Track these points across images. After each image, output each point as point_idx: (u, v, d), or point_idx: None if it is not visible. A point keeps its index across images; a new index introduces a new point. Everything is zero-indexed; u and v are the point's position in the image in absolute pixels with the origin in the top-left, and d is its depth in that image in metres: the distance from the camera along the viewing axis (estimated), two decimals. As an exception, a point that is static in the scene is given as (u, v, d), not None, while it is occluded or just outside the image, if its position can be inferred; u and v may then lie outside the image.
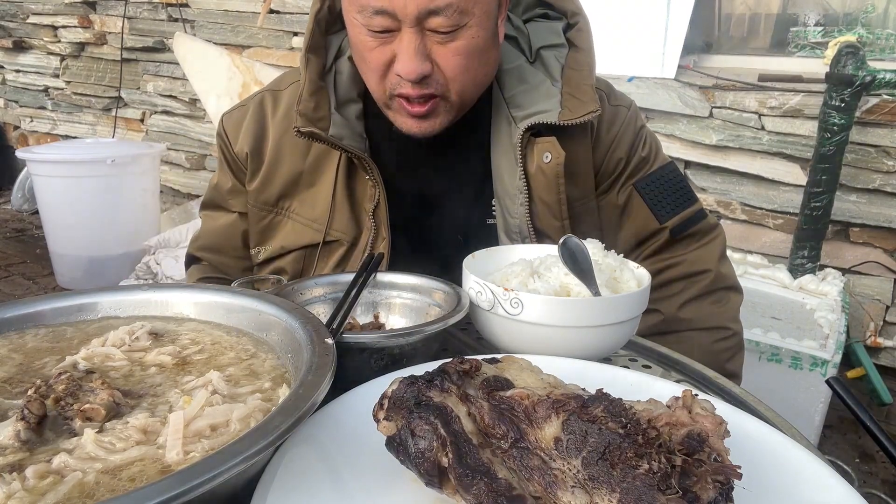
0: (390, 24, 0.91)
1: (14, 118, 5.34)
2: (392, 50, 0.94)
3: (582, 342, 0.75)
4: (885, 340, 2.75)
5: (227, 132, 1.16)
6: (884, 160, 2.57)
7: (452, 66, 0.95)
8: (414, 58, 0.92)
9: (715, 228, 1.21)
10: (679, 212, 1.17)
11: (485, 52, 0.98)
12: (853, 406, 0.67)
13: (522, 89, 1.10)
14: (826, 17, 2.81)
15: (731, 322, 1.18)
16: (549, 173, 1.06)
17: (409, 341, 0.69)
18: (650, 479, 0.42)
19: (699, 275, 1.17)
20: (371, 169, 1.06)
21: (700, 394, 0.55)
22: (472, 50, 0.95)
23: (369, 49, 0.95)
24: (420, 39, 0.92)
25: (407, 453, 0.47)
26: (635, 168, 1.16)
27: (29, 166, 3.59)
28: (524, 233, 1.09)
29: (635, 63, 2.83)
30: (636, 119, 1.19)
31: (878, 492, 0.59)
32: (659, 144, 1.23)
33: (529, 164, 1.07)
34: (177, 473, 0.38)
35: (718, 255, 1.20)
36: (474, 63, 0.97)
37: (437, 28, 0.91)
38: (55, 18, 4.69)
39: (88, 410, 0.50)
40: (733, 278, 1.22)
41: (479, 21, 0.94)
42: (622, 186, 1.16)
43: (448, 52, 0.94)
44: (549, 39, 1.13)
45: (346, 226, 1.10)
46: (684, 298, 1.17)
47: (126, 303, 0.70)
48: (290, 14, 3.73)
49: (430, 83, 0.95)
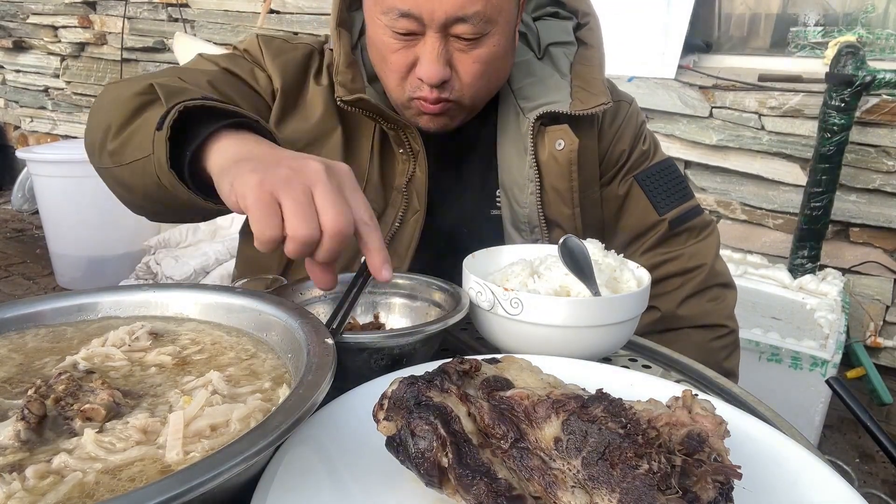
0: (415, 28, 0.92)
1: (14, 118, 5.34)
2: (415, 53, 0.95)
3: (582, 342, 0.75)
4: (885, 340, 2.75)
5: (263, 51, 1.07)
6: (884, 160, 2.57)
7: (472, 73, 0.96)
8: (436, 62, 0.93)
9: (710, 225, 1.23)
10: (677, 205, 1.18)
11: (503, 60, 1.00)
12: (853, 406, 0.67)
13: (530, 82, 1.10)
14: (826, 17, 2.81)
15: (727, 320, 1.19)
16: (563, 160, 1.07)
17: (409, 341, 0.69)
18: (650, 479, 0.42)
19: (695, 270, 1.18)
20: (410, 141, 1.05)
21: (700, 394, 0.55)
22: (491, 58, 0.96)
23: (392, 50, 0.96)
24: (443, 45, 0.93)
25: (407, 453, 0.47)
26: (636, 161, 1.18)
27: (29, 166, 3.59)
28: (533, 222, 1.10)
29: (635, 63, 2.83)
30: (637, 115, 1.20)
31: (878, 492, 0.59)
32: (658, 142, 1.25)
33: (541, 153, 1.07)
34: (177, 473, 0.38)
35: (714, 251, 1.21)
36: (492, 70, 0.98)
37: (462, 35, 0.92)
38: (55, 18, 4.69)
39: (88, 410, 0.50)
40: (728, 275, 1.24)
41: (501, 29, 0.95)
42: (623, 178, 1.18)
43: (469, 60, 0.95)
44: (558, 37, 1.14)
45: (376, 200, 1.08)
46: (683, 295, 1.18)
47: (126, 303, 0.70)
48: (290, 14, 3.72)
49: (447, 88, 0.96)
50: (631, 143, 1.17)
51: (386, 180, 1.10)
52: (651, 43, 2.82)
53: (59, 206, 3.48)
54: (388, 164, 1.10)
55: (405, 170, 1.08)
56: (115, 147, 0.89)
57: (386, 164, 1.09)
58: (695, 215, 1.20)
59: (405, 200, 1.08)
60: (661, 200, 1.18)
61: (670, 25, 2.79)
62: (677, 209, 1.18)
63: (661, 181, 1.19)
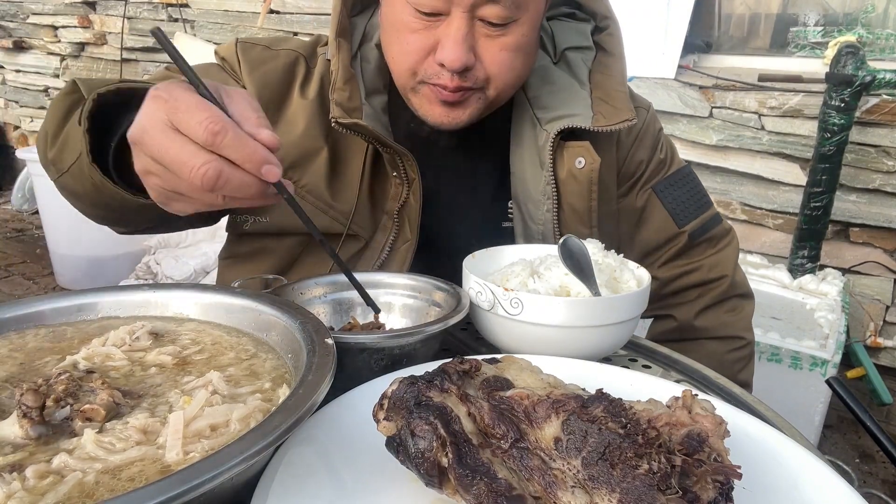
0: (441, 7, 0.85)
1: (14, 118, 5.34)
2: (436, 36, 0.88)
3: (582, 342, 0.75)
4: (885, 340, 2.75)
5: (241, 61, 1.00)
6: (884, 160, 2.57)
7: (498, 62, 0.90)
8: (461, 45, 0.86)
9: (729, 233, 1.19)
10: (697, 216, 1.14)
11: (529, 53, 0.94)
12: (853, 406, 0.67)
13: (547, 90, 1.04)
14: (826, 17, 2.81)
15: (744, 331, 1.17)
16: (583, 179, 1.00)
17: (409, 341, 0.69)
18: (650, 479, 0.42)
19: (716, 281, 1.15)
20: (406, 167, 0.98)
21: (700, 394, 0.55)
22: (519, 48, 0.90)
23: (411, 30, 0.88)
24: (469, 28, 0.86)
25: (407, 453, 0.47)
26: (654, 171, 1.13)
27: (29, 166, 3.60)
28: (548, 240, 1.03)
29: (635, 63, 2.83)
30: (655, 121, 1.16)
31: (878, 492, 0.59)
32: (674, 148, 1.20)
33: (559, 169, 1.01)
34: (177, 473, 0.38)
35: (734, 260, 1.18)
36: (518, 62, 0.92)
37: (490, 18, 0.86)
38: (55, 18, 4.69)
39: (88, 411, 0.50)
40: (746, 285, 1.20)
41: (530, 18, 0.90)
42: (641, 189, 1.13)
43: (495, 47, 0.89)
44: (575, 41, 1.08)
45: (365, 222, 1.01)
46: (700, 306, 1.15)
47: (126, 303, 0.70)
48: (290, 14, 3.72)
49: (469, 77, 0.89)
50: (649, 153, 1.12)
51: (376, 202, 1.02)
52: (651, 43, 2.82)
53: (59, 206, 3.46)
54: (380, 186, 1.02)
55: (398, 194, 1.00)
56: (54, 155, 0.85)
57: (377, 186, 1.02)
58: (714, 224, 1.15)
59: (396, 227, 1.01)
60: (681, 212, 1.13)
61: (670, 25, 2.79)
62: (697, 220, 1.13)
63: (679, 191, 1.14)
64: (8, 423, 0.49)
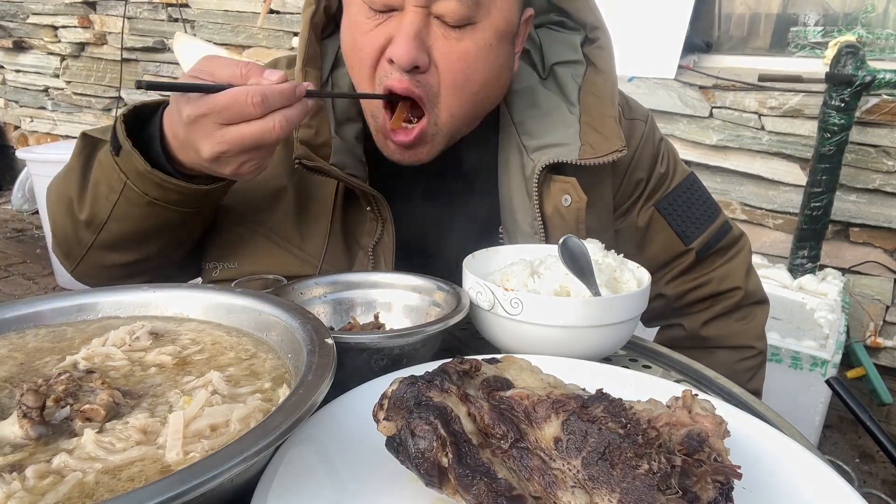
0: (393, 2, 0.81)
1: (14, 118, 5.34)
2: (388, 33, 0.82)
3: (582, 342, 0.75)
4: (885, 340, 2.75)
5: None
6: (884, 160, 2.57)
7: (452, 69, 0.84)
8: (411, 40, 0.80)
9: (740, 240, 1.15)
10: (704, 229, 1.09)
11: (490, 68, 0.87)
12: (853, 406, 0.67)
13: (534, 114, 0.99)
14: (826, 17, 2.81)
15: (755, 340, 1.14)
16: (570, 218, 0.96)
17: (409, 342, 0.69)
18: (650, 479, 0.42)
19: (727, 293, 1.12)
20: (378, 206, 0.94)
21: (700, 394, 0.55)
22: (477, 56, 0.84)
23: (363, 32, 0.84)
24: (423, 24, 0.81)
25: (407, 453, 0.47)
26: (655, 186, 1.08)
27: (29, 166, 3.60)
28: None
29: (635, 63, 2.83)
30: (654, 132, 1.09)
31: (878, 492, 0.59)
32: (677, 156, 1.14)
33: (546, 205, 0.96)
34: (177, 473, 0.38)
35: (745, 268, 1.13)
36: (476, 75, 0.85)
37: (446, 15, 0.81)
38: (55, 18, 4.69)
39: (88, 411, 0.50)
40: (760, 291, 1.16)
41: (492, 25, 0.84)
42: (642, 208, 1.08)
43: (450, 50, 0.83)
44: (565, 55, 1.03)
45: (339, 260, 0.96)
46: (708, 316, 1.12)
47: (126, 303, 0.70)
48: (290, 14, 3.73)
49: (420, 82, 0.84)
50: (648, 170, 1.06)
51: (350, 236, 0.96)
52: (651, 43, 2.82)
53: (59, 206, 3.47)
54: (355, 218, 0.97)
55: (373, 230, 0.95)
56: (87, 213, 0.83)
57: (351, 219, 0.97)
58: (723, 234, 1.11)
59: (372, 264, 0.96)
60: (687, 228, 1.08)
61: (670, 25, 2.79)
62: (705, 234, 1.08)
63: (684, 205, 1.09)
64: (8, 423, 0.49)
